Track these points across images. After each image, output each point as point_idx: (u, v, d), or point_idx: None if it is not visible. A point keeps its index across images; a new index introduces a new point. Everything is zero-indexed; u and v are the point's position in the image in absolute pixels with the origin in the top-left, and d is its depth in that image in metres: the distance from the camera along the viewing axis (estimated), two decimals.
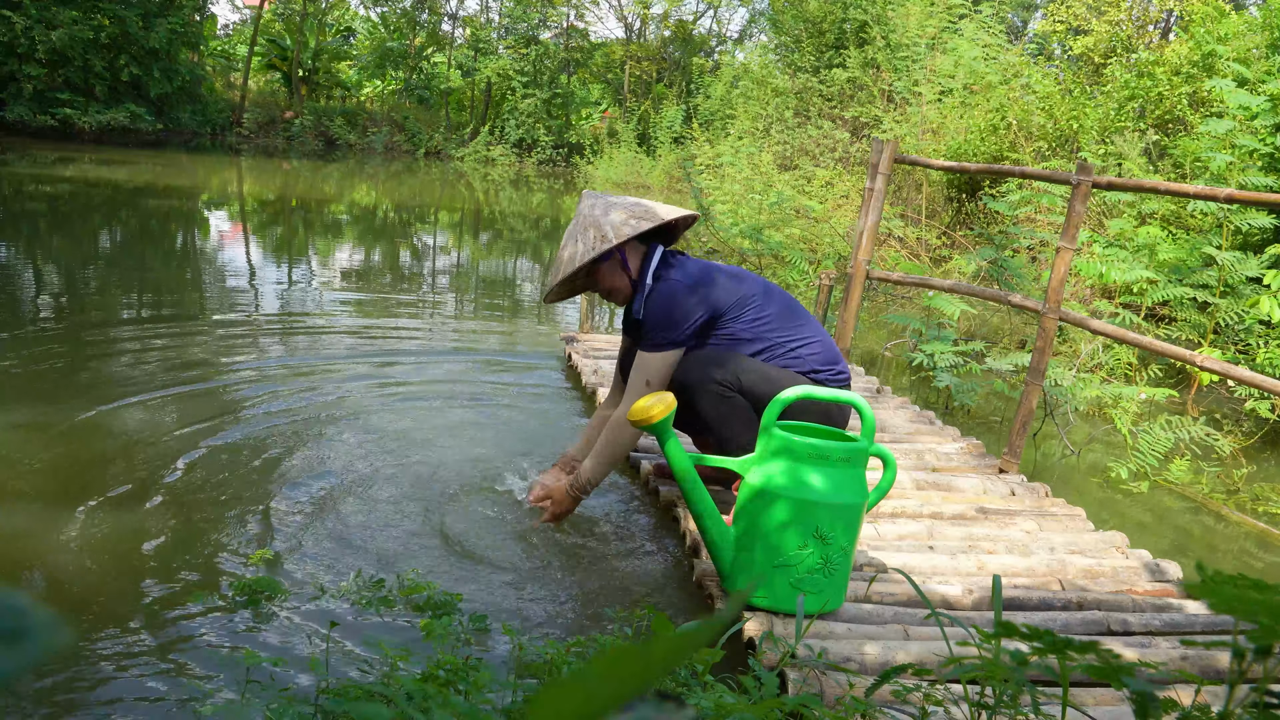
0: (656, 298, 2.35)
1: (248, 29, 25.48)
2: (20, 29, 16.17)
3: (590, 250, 2.36)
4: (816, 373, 2.41)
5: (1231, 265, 5.01)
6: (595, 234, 2.37)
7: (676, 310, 2.33)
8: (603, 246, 2.35)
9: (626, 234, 2.35)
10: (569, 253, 2.40)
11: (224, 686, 1.69)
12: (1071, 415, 4.29)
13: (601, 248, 2.35)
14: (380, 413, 3.39)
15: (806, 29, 15.58)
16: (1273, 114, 5.59)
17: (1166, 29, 16.83)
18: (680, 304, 2.33)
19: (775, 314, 2.42)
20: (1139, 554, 2.50)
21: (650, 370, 2.35)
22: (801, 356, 2.41)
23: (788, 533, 1.92)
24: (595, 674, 0.27)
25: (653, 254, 2.44)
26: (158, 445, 2.88)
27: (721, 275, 2.42)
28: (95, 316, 4.52)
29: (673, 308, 2.33)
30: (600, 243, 2.35)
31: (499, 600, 2.11)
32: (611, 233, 2.36)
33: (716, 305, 2.37)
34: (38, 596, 1.99)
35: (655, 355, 2.35)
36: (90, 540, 2.23)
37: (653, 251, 2.45)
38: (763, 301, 2.42)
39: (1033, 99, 8.97)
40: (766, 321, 2.40)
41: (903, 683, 1.44)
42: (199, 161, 16.40)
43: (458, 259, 8.78)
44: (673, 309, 2.33)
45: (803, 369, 2.40)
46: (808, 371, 2.40)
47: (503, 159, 24.70)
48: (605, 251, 2.36)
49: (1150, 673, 1.37)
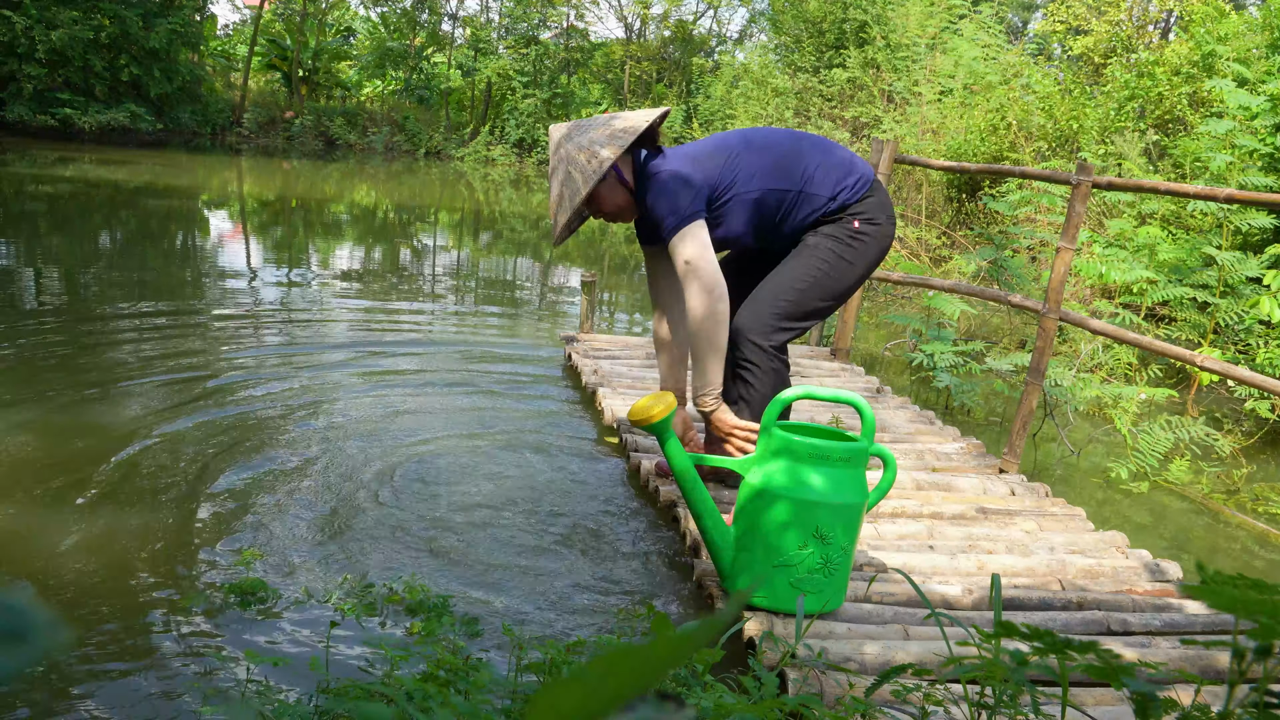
0: (654, 192, 2.38)
1: (248, 29, 25.47)
2: (20, 29, 16.16)
3: (590, 178, 2.37)
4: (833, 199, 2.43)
5: (1231, 265, 5.01)
6: (587, 161, 2.38)
7: (676, 190, 2.35)
8: (601, 170, 2.36)
9: (621, 146, 2.37)
10: (568, 190, 2.41)
11: (223, 687, 1.69)
12: (1071, 415, 4.29)
13: (600, 171, 2.36)
14: (379, 413, 3.39)
15: (806, 29, 15.59)
16: (1273, 114, 5.59)
17: (1166, 29, 16.83)
18: (676, 184, 2.35)
19: (769, 164, 2.44)
20: (1139, 554, 2.50)
21: (683, 248, 2.34)
22: (808, 192, 2.44)
23: (788, 533, 1.92)
24: (595, 674, 0.27)
25: (641, 161, 2.47)
26: (156, 444, 2.88)
27: (706, 149, 2.47)
28: (95, 315, 4.52)
29: (672, 189, 2.35)
30: (597, 167, 2.37)
31: (498, 600, 2.11)
32: (604, 152, 2.37)
33: (710, 179, 2.40)
34: (36, 596, 1.99)
35: (681, 235, 2.34)
36: (88, 539, 2.23)
37: (639, 159, 2.47)
38: (754, 157, 2.44)
39: (1033, 99, 8.98)
40: (765, 176, 2.43)
41: (903, 683, 1.44)
42: (199, 161, 16.40)
43: (457, 259, 8.78)
44: (673, 190, 2.35)
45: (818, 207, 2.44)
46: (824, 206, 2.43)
47: (503, 159, 24.70)
48: (603, 174, 2.37)
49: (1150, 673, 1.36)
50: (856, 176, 2.47)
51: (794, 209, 2.45)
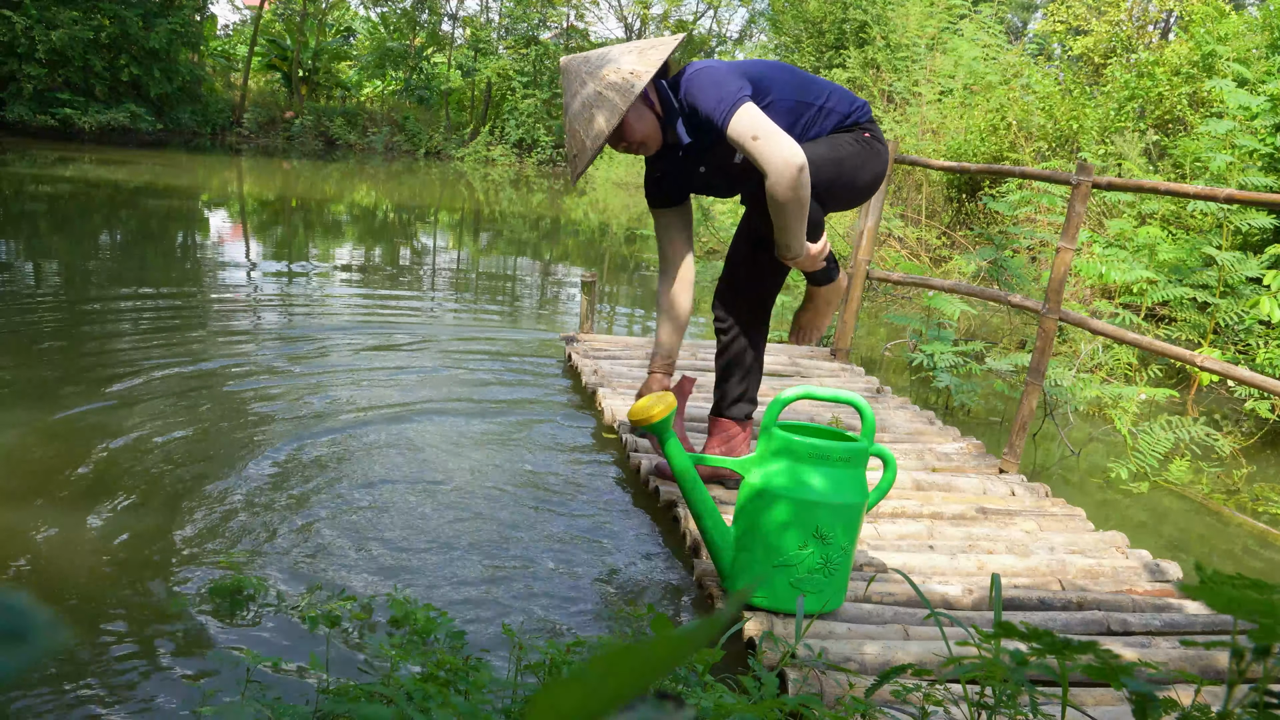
0: (697, 90, 2.27)
1: (248, 29, 25.48)
2: (20, 29, 16.17)
3: (628, 95, 2.24)
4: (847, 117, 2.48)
5: (1231, 265, 5.01)
6: (621, 78, 2.25)
7: (719, 80, 2.26)
8: (633, 93, 2.24)
9: (656, 62, 2.26)
10: (601, 114, 2.27)
11: (223, 687, 1.69)
12: (1071, 415, 4.29)
13: (632, 93, 2.24)
14: (377, 413, 3.39)
15: (806, 29, 15.59)
16: (1273, 114, 5.59)
17: (1166, 29, 16.83)
18: (718, 74, 2.28)
19: (796, 82, 2.44)
20: (1139, 554, 2.50)
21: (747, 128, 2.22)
22: (831, 108, 2.46)
23: (788, 533, 1.92)
24: (595, 674, 0.27)
25: (664, 88, 2.39)
26: (154, 445, 2.88)
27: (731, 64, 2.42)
28: (93, 315, 4.52)
29: (716, 80, 2.26)
30: (628, 91, 2.24)
31: (498, 600, 2.11)
32: (634, 77, 2.24)
33: (747, 74, 2.34)
34: (35, 596, 1.99)
35: (737, 116, 2.22)
36: (87, 539, 2.23)
37: (663, 86, 2.39)
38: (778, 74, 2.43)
39: (1032, 99, 8.98)
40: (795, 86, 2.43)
41: (903, 683, 1.44)
42: (199, 161, 16.40)
43: (457, 259, 8.78)
44: (716, 81, 2.26)
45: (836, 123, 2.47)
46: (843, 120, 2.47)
47: (503, 159, 24.71)
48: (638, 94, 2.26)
49: (1150, 673, 1.37)
50: (862, 104, 2.54)
51: (815, 122, 2.45)
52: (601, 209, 15.44)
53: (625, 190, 18.78)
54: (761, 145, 2.20)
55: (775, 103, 2.38)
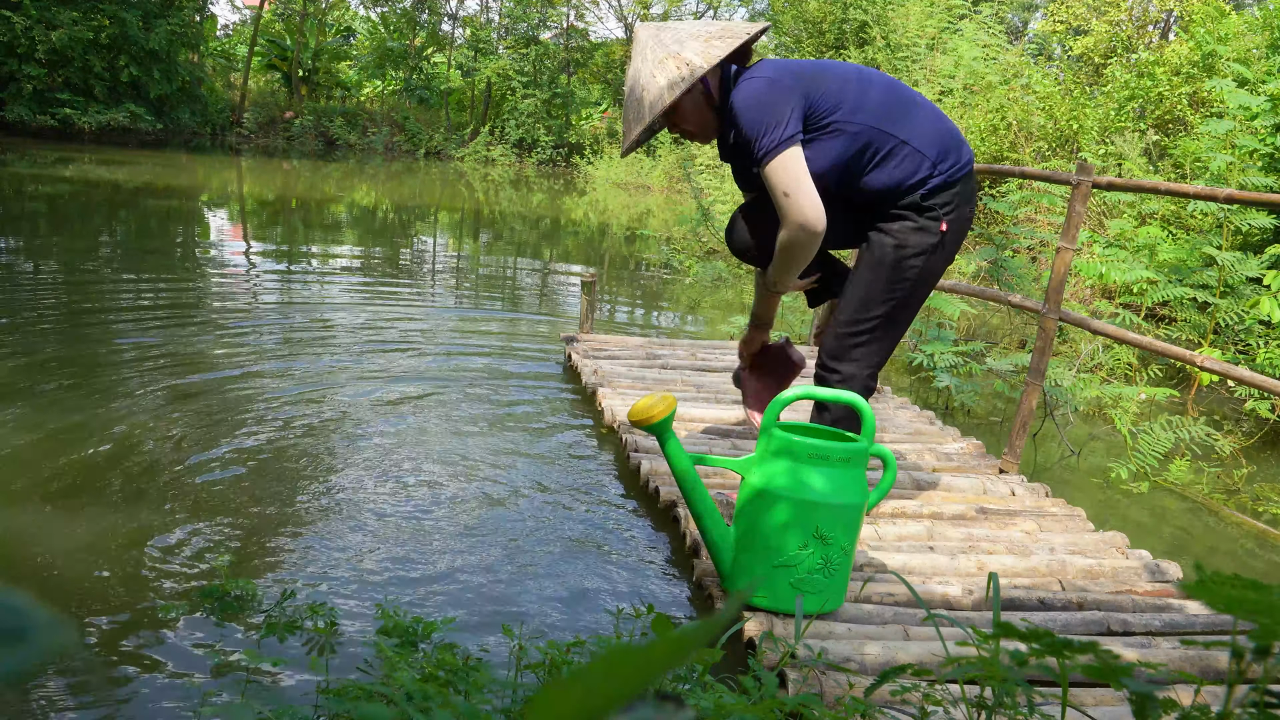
0: (742, 108, 2.09)
1: (248, 29, 25.47)
2: (20, 29, 16.17)
3: (679, 83, 2.10)
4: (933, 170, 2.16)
5: (1231, 265, 5.01)
6: (676, 65, 2.11)
7: (770, 104, 2.06)
8: (691, 77, 2.11)
9: (715, 57, 2.11)
10: (650, 95, 2.15)
11: (224, 687, 1.69)
12: (1071, 415, 4.29)
13: (690, 78, 2.11)
14: (377, 413, 3.39)
15: (806, 29, 15.59)
16: (1273, 114, 5.59)
17: (1166, 29, 16.82)
18: (771, 95, 2.08)
19: (882, 102, 2.15)
20: (1139, 554, 2.50)
21: (780, 180, 2.07)
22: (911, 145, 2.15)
23: (788, 533, 1.92)
24: (595, 674, 0.27)
25: (730, 77, 2.20)
26: (154, 445, 2.88)
27: (807, 67, 2.18)
28: (92, 315, 4.52)
29: (762, 105, 2.07)
30: (688, 73, 2.11)
31: (497, 600, 2.11)
32: (697, 59, 2.11)
33: (808, 90, 2.11)
34: (35, 596, 1.99)
35: (775, 163, 2.06)
36: (87, 539, 2.23)
37: (728, 75, 2.21)
38: (861, 86, 2.16)
39: (1033, 99, 8.98)
40: (871, 112, 2.14)
41: (902, 683, 1.44)
42: (199, 161, 16.40)
43: (457, 259, 8.78)
44: (766, 104, 2.07)
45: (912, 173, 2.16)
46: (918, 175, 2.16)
47: (503, 159, 24.71)
48: (691, 84, 2.12)
49: (1150, 673, 1.37)
50: (962, 155, 2.20)
51: (887, 161, 2.15)
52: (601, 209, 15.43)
53: (625, 190, 18.78)
54: (788, 203, 2.08)
55: (839, 125, 2.13)
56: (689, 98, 2.18)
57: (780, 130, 2.06)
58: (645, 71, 2.17)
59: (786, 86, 2.09)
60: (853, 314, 2.29)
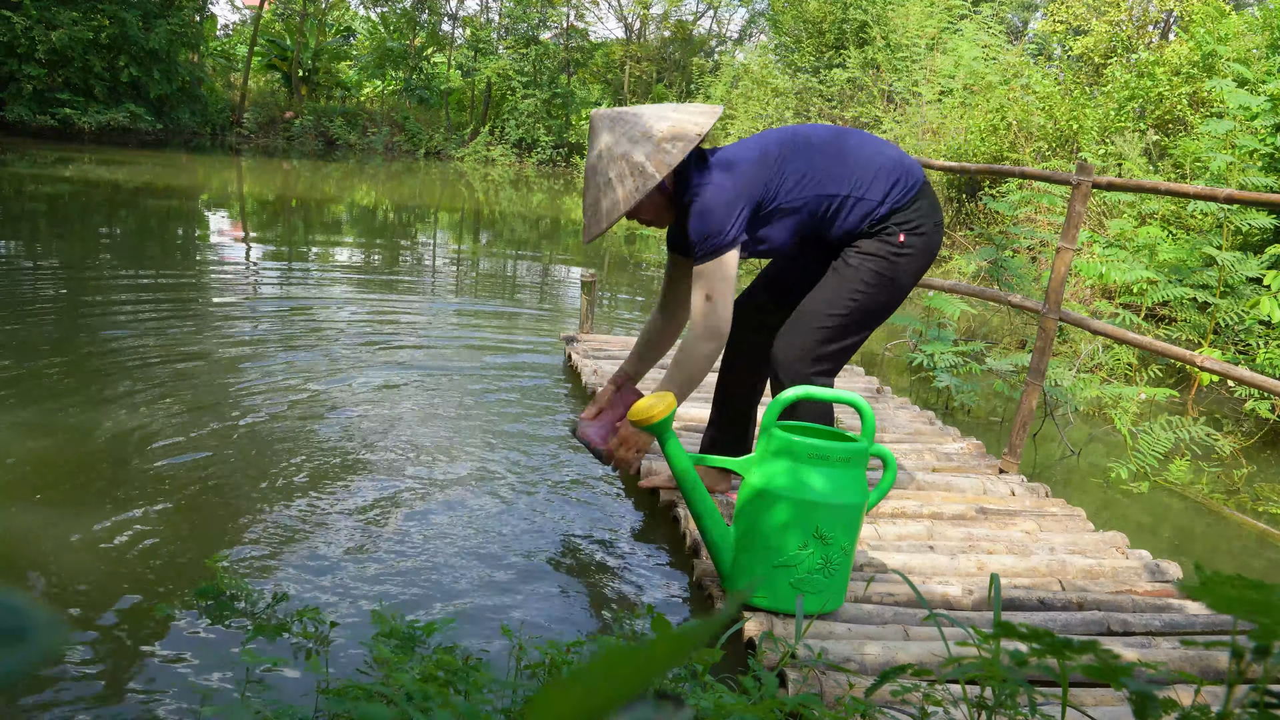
0: (694, 212, 2.23)
1: (248, 29, 25.47)
2: (20, 29, 16.17)
3: (635, 193, 2.22)
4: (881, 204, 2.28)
5: (1231, 265, 5.01)
6: (634, 176, 2.23)
7: (714, 217, 2.20)
8: (647, 186, 2.21)
9: (669, 165, 2.21)
10: (607, 200, 2.26)
11: (224, 687, 1.69)
12: (1071, 415, 4.29)
13: (646, 187, 2.21)
14: (377, 413, 3.39)
15: (806, 29, 15.59)
16: (1273, 114, 5.59)
17: (1166, 29, 16.82)
18: (716, 209, 2.21)
19: (819, 168, 2.28)
20: (1139, 554, 2.50)
21: (708, 281, 2.23)
22: (863, 196, 2.28)
23: (788, 533, 1.92)
24: (595, 674, 0.27)
25: (688, 167, 2.29)
26: (154, 444, 2.88)
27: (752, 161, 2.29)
28: (92, 315, 4.52)
29: (711, 216, 2.21)
30: (644, 182, 2.21)
31: (497, 600, 2.11)
32: (652, 169, 2.21)
33: (753, 194, 2.25)
34: (35, 596, 1.99)
35: (710, 264, 2.22)
36: (87, 539, 2.23)
37: (688, 164, 2.30)
38: (801, 163, 2.28)
39: (1033, 99, 8.98)
40: (814, 182, 2.27)
41: (902, 683, 1.44)
42: (199, 161, 16.40)
43: (457, 259, 8.78)
44: (711, 217, 2.20)
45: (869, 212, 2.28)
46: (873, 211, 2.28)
47: (503, 159, 24.71)
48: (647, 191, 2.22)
49: (1150, 673, 1.36)
50: (908, 179, 2.31)
51: (841, 213, 2.30)
52: None
53: None
54: (707, 306, 2.23)
55: (782, 208, 2.29)
56: (646, 199, 2.28)
57: (723, 236, 2.21)
58: (606, 177, 2.27)
59: (731, 195, 2.22)
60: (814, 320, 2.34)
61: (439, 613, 2.02)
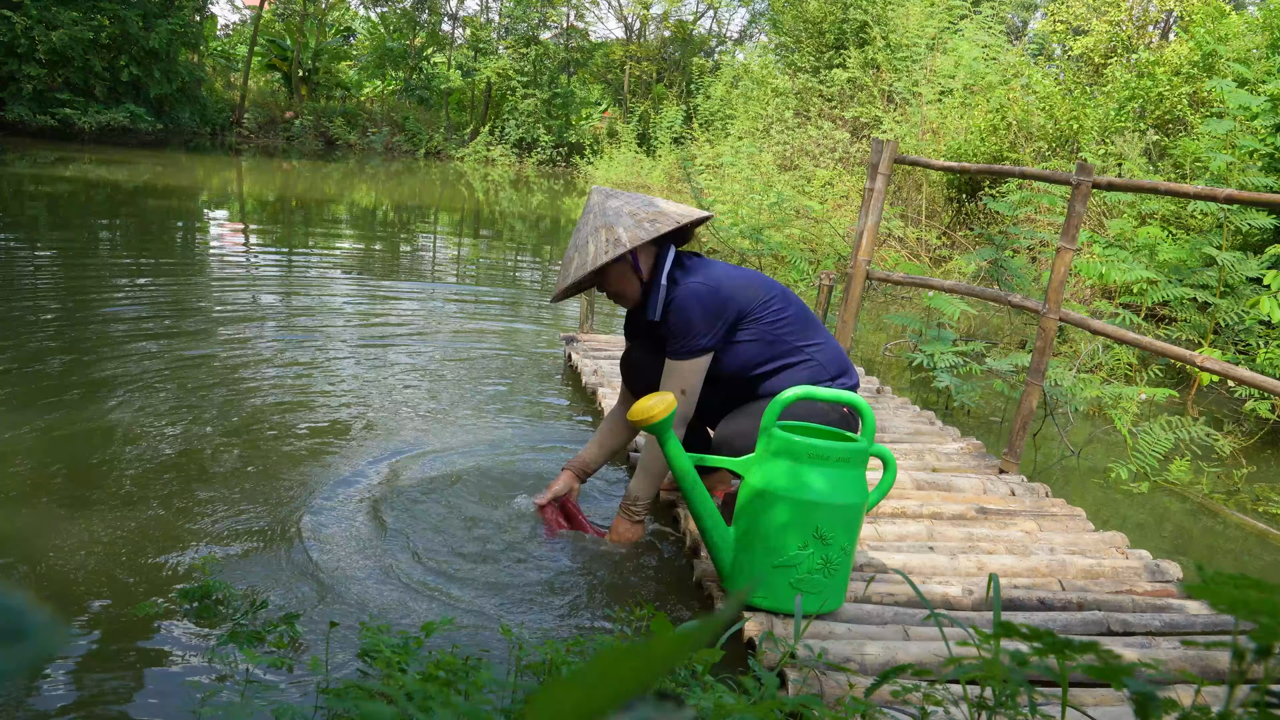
0: (680, 303, 2.31)
1: (248, 29, 25.47)
2: (20, 29, 16.17)
3: (602, 254, 2.31)
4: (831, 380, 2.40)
5: (1231, 265, 5.01)
6: (607, 236, 2.32)
7: (703, 315, 2.30)
8: (615, 250, 2.30)
9: (640, 238, 2.30)
10: (579, 258, 2.35)
11: (224, 687, 1.69)
12: (1071, 415, 4.29)
13: (614, 252, 2.30)
14: (375, 412, 3.39)
15: (806, 29, 15.58)
16: (1273, 114, 5.59)
17: (1166, 29, 16.82)
18: (706, 308, 2.30)
19: (794, 316, 2.41)
20: (1139, 554, 2.50)
21: (683, 378, 2.33)
22: (815, 360, 2.40)
23: (788, 533, 1.92)
24: (595, 674, 0.27)
25: (665, 256, 2.38)
26: (154, 445, 2.88)
27: (742, 277, 2.41)
28: (92, 315, 4.52)
29: (699, 313, 2.29)
30: (613, 246, 2.31)
31: (497, 601, 2.11)
32: (625, 236, 2.31)
33: (741, 307, 2.35)
34: (34, 596, 1.99)
35: (686, 363, 2.32)
36: (87, 539, 2.23)
37: (665, 253, 2.39)
38: (783, 304, 2.41)
39: (1033, 99, 8.98)
40: (786, 324, 2.39)
41: (903, 683, 1.44)
42: (199, 161, 16.40)
43: (457, 259, 8.78)
44: (699, 314, 2.29)
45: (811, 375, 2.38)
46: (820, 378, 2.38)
47: (503, 159, 24.71)
48: (616, 255, 2.31)
49: (1150, 673, 1.37)
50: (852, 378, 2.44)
51: (791, 366, 2.38)
52: None
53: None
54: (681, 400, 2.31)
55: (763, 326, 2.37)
56: (615, 267, 2.38)
57: (706, 339, 2.32)
58: (584, 234, 2.37)
59: (723, 301, 2.32)
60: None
61: (438, 612, 2.02)
